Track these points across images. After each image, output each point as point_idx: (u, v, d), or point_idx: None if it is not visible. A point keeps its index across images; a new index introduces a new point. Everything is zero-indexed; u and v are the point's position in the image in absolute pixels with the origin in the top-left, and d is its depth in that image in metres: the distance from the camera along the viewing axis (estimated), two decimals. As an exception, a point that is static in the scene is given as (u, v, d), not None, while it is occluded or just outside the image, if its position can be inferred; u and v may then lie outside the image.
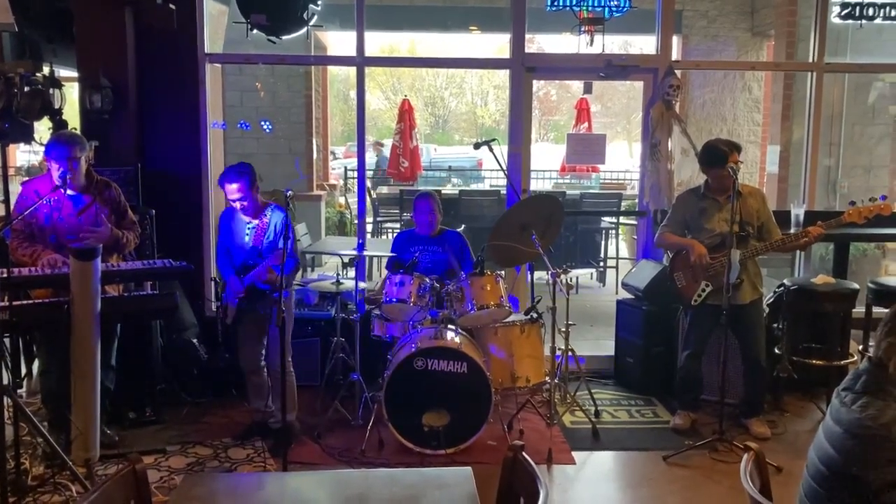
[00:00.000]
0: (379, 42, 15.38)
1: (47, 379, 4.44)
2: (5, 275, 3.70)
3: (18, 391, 4.74)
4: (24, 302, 3.93)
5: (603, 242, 9.73)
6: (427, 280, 4.78)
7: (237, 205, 4.38)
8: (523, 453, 2.19)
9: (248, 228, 4.47)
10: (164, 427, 4.90)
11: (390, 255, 5.28)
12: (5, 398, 3.69)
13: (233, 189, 4.33)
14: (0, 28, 5.14)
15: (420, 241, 5.23)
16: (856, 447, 2.09)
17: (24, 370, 5.16)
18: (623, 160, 19.44)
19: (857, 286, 5.28)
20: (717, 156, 4.62)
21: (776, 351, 5.32)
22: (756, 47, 10.84)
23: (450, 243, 5.24)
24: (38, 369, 4.77)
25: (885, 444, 2.05)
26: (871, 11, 6.17)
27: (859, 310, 5.42)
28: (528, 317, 5.05)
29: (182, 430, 4.87)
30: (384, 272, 5.46)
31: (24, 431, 4.16)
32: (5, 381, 3.71)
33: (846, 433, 2.12)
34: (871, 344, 5.46)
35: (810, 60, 6.22)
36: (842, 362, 5.28)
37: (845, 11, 6.16)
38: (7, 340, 4.38)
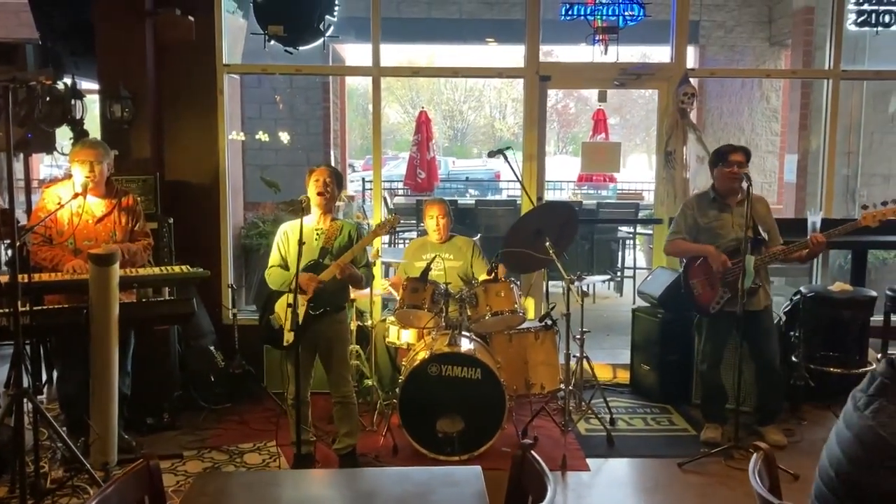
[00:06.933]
0: (397, 56, 15.51)
1: (65, 384, 4.48)
2: (27, 280, 3.77)
3: (39, 397, 4.81)
4: (44, 307, 4.00)
5: (620, 252, 9.70)
6: (441, 286, 4.79)
7: (325, 196, 4.24)
8: (532, 452, 2.19)
9: (318, 233, 4.30)
10: (181, 432, 4.95)
11: (402, 261, 5.32)
12: (25, 402, 3.75)
13: (329, 182, 4.25)
14: (24, 41, 5.26)
15: (432, 248, 5.26)
16: (862, 452, 2.05)
17: (44, 376, 5.24)
18: (643, 171, 19.39)
19: (874, 293, 5.23)
20: (718, 153, 4.74)
21: (793, 359, 5.28)
22: (773, 57, 10.82)
23: (461, 250, 5.26)
24: (56, 375, 4.83)
25: (891, 451, 2.00)
26: (887, 18, 6.14)
27: (877, 318, 5.37)
28: (543, 324, 5.05)
29: (199, 435, 4.91)
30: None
31: (44, 437, 4.22)
32: (25, 385, 3.76)
33: (855, 438, 2.09)
34: (890, 352, 5.42)
35: (826, 68, 6.21)
36: (859, 370, 5.22)
37: (861, 18, 6.13)
38: (27, 346, 4.43)
